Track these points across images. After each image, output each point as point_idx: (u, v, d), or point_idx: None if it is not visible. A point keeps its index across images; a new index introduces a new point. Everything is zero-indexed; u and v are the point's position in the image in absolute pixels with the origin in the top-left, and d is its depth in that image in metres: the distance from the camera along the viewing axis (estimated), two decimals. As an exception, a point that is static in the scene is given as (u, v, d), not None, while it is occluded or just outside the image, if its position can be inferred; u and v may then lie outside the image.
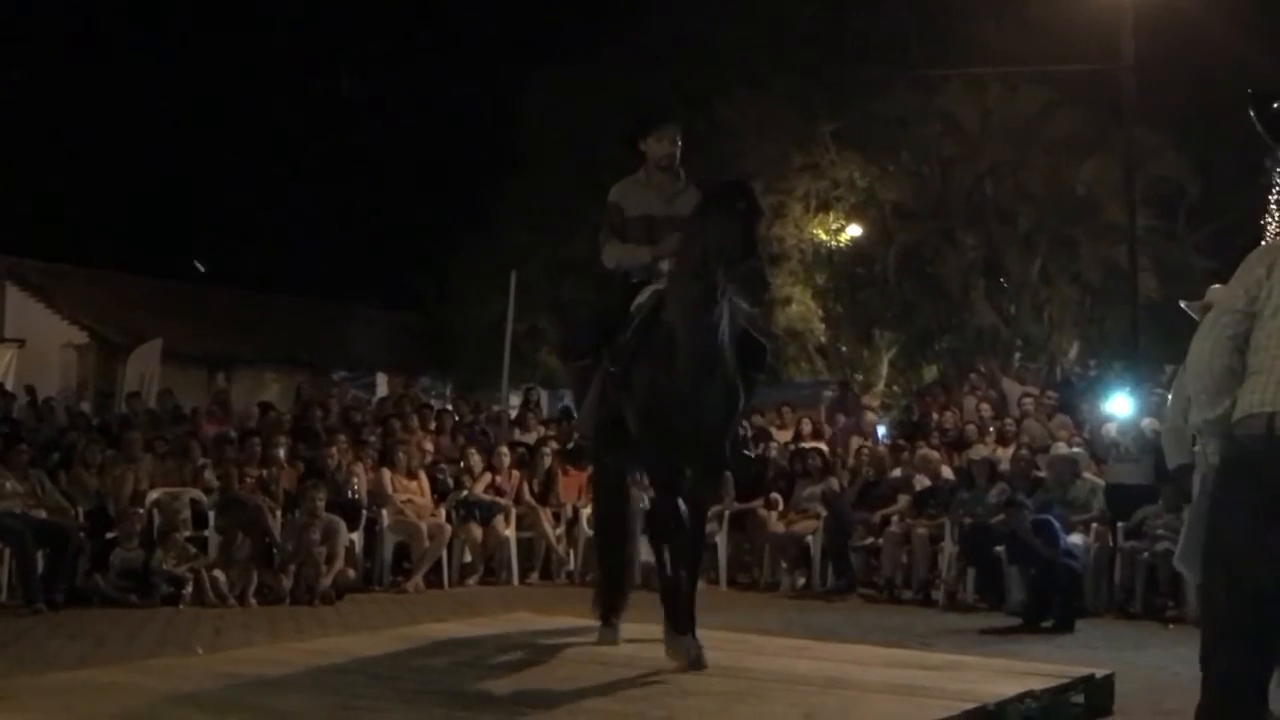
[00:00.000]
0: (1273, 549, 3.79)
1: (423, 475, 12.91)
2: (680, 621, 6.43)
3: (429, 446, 13.49)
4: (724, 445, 6.55)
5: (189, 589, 10.89)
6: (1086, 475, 11.98)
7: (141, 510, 11.56)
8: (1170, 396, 4.22)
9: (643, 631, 7.16)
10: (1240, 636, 3.91)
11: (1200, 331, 4.10)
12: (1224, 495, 3.99)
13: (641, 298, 6.66)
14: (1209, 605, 4.18)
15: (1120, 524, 11.34)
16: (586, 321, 7.42)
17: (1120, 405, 14.25)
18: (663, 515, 6.69)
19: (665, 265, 6.60)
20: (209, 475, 12.36)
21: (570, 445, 8.58)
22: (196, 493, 12.15)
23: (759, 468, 12.86)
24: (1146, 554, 11.02)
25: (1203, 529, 4.24)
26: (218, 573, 11.03)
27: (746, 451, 7.31)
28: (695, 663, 6.21)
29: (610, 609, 7.21)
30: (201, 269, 29.68)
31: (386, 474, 12.69)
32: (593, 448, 7.20)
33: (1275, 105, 4.57)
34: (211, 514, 11.81)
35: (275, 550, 11.51)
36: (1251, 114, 4.49)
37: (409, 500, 12.61)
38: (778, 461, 13.74)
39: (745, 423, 8.00)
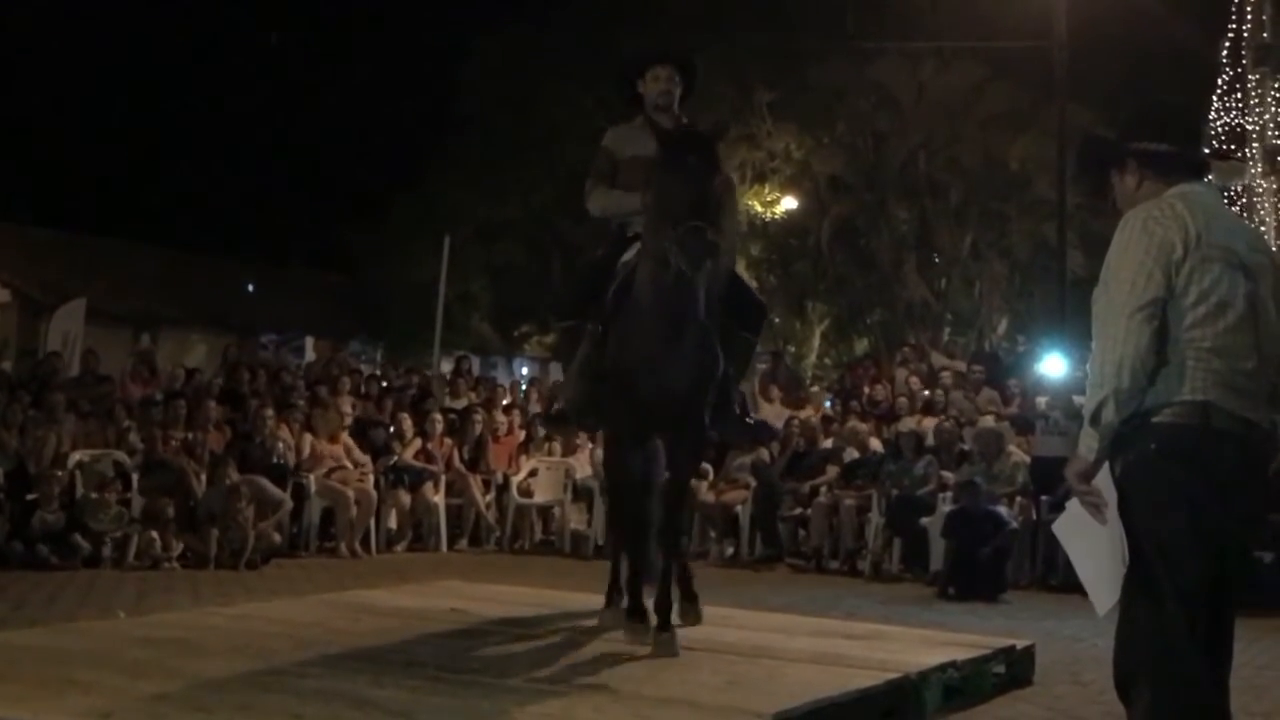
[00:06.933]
0: (1219, 538, 3.63)
1: (345, 438, 12.79)
2: (639, 608, 6.16)
3: (348, 409, 13.33)
4: (699, 412, 6.03)
5: (107, 549, 10.75)
6: (1011, 449, 12.09)
7: (62, 472, 11.37)
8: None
9: (573, 602, 7.18)
10: (1194, 640, 3.59)
11: (1128, 325, 3.64)
12: (1156, 486, 3.64)
13: (629, 254, 6.18)
14: (1138, 613, 3.69)
15: (1044, 497, 11.46)
16: (575, 279, 6.92)
17: (1054, 365, 14.45)
18: (614, 484, 6.51)
19: None
20: (133, 438, 12.18)
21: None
22: (120, 455, 11.98)
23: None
24: (1069, 527, 11.15)
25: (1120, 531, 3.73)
26: (154, 534, 10.88)
27: (749, 419, 6.81)
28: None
29: (620, 586, 6.51)
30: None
31: (307, 439, 12.58)
32: (577, 413, 6.72)
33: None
34: (135, 476, 11.66)
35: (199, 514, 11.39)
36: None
37: (338, 466, 12.51)
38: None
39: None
